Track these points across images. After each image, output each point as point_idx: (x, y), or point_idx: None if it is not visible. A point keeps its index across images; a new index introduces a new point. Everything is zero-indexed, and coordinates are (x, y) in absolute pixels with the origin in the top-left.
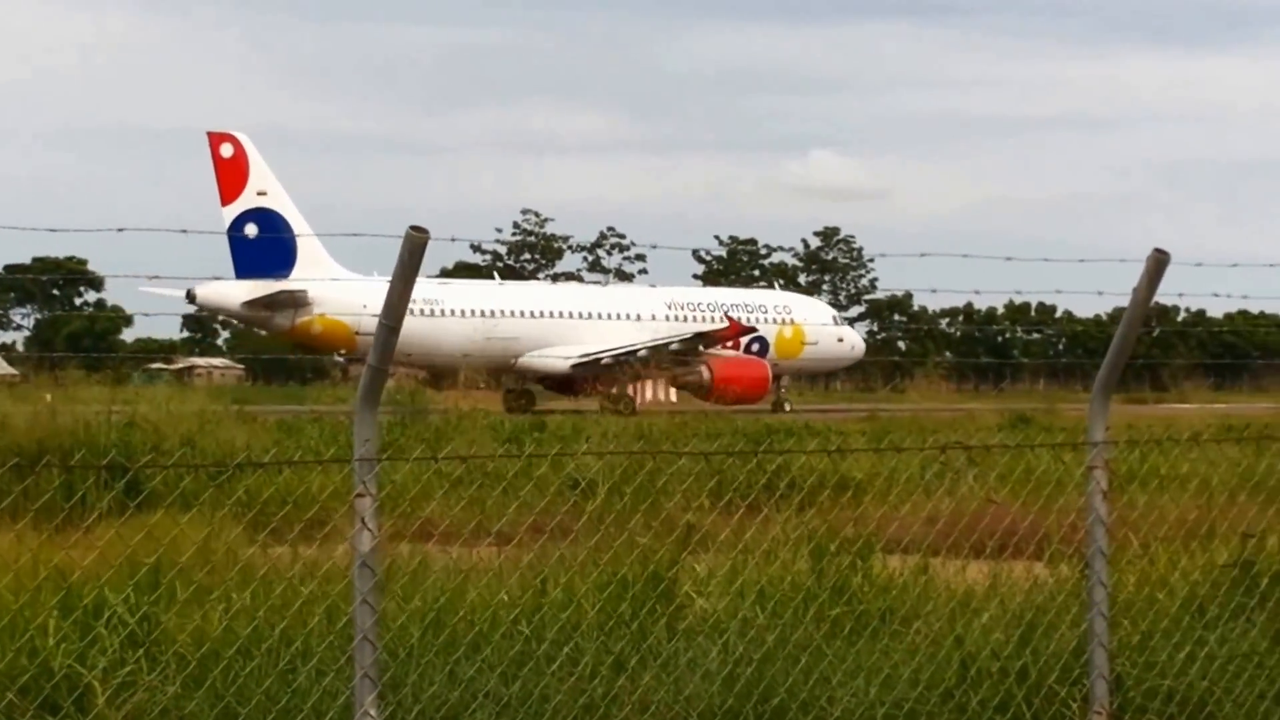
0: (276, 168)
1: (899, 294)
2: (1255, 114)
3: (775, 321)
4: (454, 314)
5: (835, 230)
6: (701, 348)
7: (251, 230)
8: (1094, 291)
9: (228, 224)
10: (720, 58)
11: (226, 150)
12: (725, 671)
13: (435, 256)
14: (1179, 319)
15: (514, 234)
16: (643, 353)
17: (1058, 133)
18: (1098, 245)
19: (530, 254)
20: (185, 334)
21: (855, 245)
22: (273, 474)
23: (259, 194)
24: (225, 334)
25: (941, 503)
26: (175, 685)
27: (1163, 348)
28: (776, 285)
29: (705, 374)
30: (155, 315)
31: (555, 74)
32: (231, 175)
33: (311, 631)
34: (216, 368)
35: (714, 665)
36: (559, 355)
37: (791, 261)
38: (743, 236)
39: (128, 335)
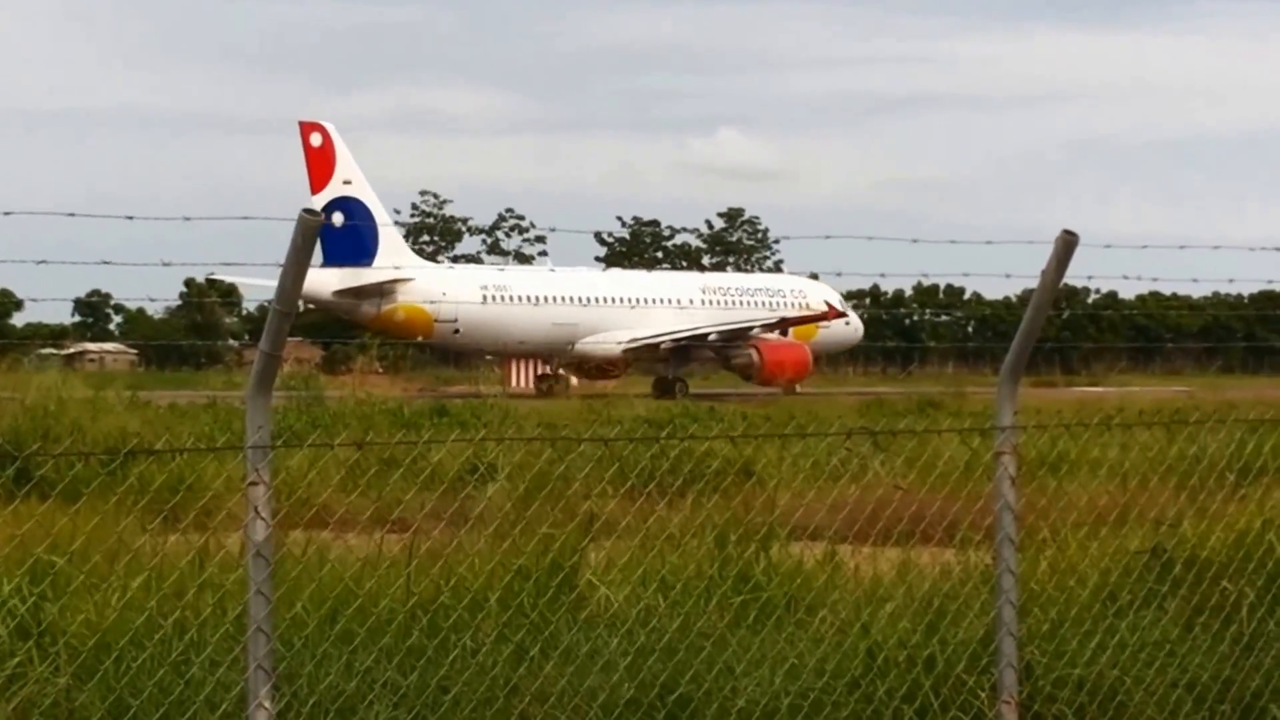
0: (149, 150)
1: (805, 277)
2: (1168, 91)
3: (794, 306)
4: (520, 300)
5: (740, 211)
6: (770, 333)
7: (339, 219)
8: (1002, 274)
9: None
10: (623, 36)
11: (315, 139)
12: (627, 662)
13: None
14: (1090, 301)
15: (413, 215)
16: (713, 336)
17: (966, 111)
18: (1010, 225)
19: (429, 235)
20: (76, 319)
21: (760, 226)
22: (165, 461)
23: (345, 183)
24: (118, 319)
25: (847, 489)
26: (66, 677)
27: (1073, 330)
28: (784, 270)
29: (755, 357)
30: (44, 301)
31: (456, 52)
32: (320, 164)
33: (205, 622)
34: (109, 353)
35: (616, 656)
36: (612, 340)
37: (695, 243)
38: (649, 217)
39: (18, 320)
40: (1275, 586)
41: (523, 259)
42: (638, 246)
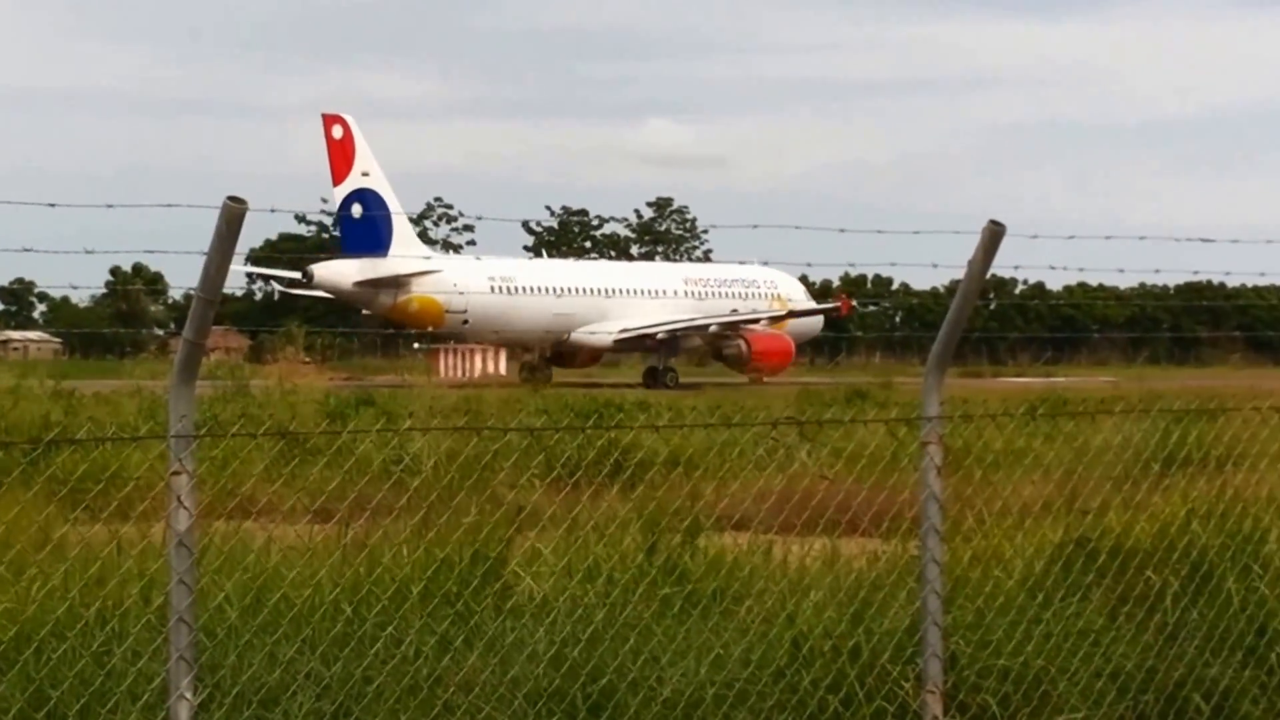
0: (73, 133)
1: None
2: (1098, 80)
3: (765, 297)
4: (525, 291)
5: (669, 201)
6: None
7: (357, 210)
8: (929, 264)
9: (338, 204)
10: (553, 22)
11: (337, 132)
12: (552, 652)
13: (260, 228)
14: (1017, 292)
15: None
16: (714, 327)
17: (898, 97)
18: (943, 212)
19: None
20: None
21: (689, 216)
22: (88, 450)
23: (363, 175)
24: (42, 307)
25: (774, 479)
26: None
27: (1001, 321)
28: (756, 261)
29: (744, 347)
30: None
31: (385, 37)
32: (341, 156)
33: (127, 612)
34: (32, 341)
35: (541, 645)
36: (605, 331)
37: (624, 232)
38: (578, 206)
39: None
40: (1198, 576)
41: (450, 247)
42: (566, 236)
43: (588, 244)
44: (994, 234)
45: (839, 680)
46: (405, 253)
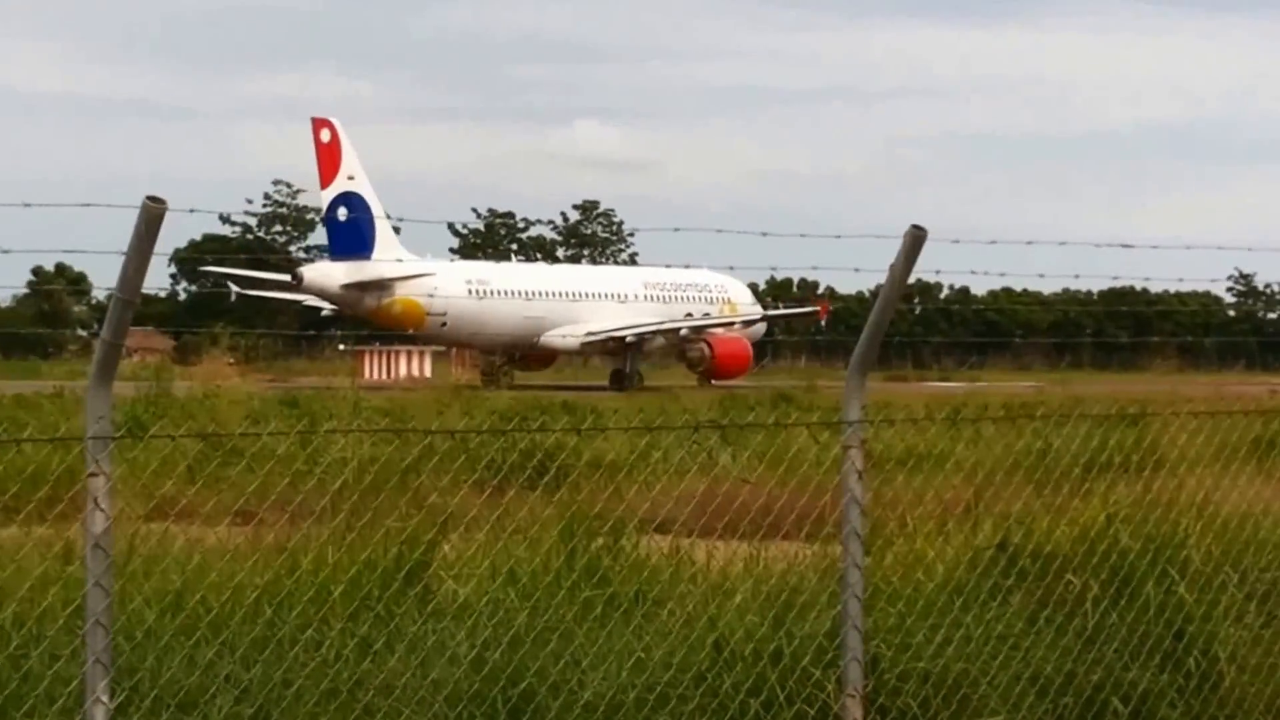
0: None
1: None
2: (1026, 89)
3: (717, 301)
4: (499, 295)
5: (595, 204)
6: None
7: (343, 213)
8: (851, 268)
9: (325, 206)
10: (482, 24)
11: (325, 135)
12: (473, 654)
13: (185, 228)
14: (942, 296)
15: (265, 205)
16: (685, 331)
17: (827, 105)
18: (870, 219)
19: (282, 226)
20: None
21: (615, 219)
22: (4, 451)
23: (349, 178)
24: None
25: (696, 482)
26: None
27: (926, 325)
28: (705, 267)
29: (706, 351)
30: None
31: (313, 38)
32: (328, 160)
33: (44, 614)
34: None
35: (462, 648)
36: (572, 334)
37: (551, 235)
38: (504, 209)
39: None
40: (1117, 580)
41: None
42: (492, 238)
43: (513, 246)
44: (915, 239)
45: (760, 684)
46: (388, 256)
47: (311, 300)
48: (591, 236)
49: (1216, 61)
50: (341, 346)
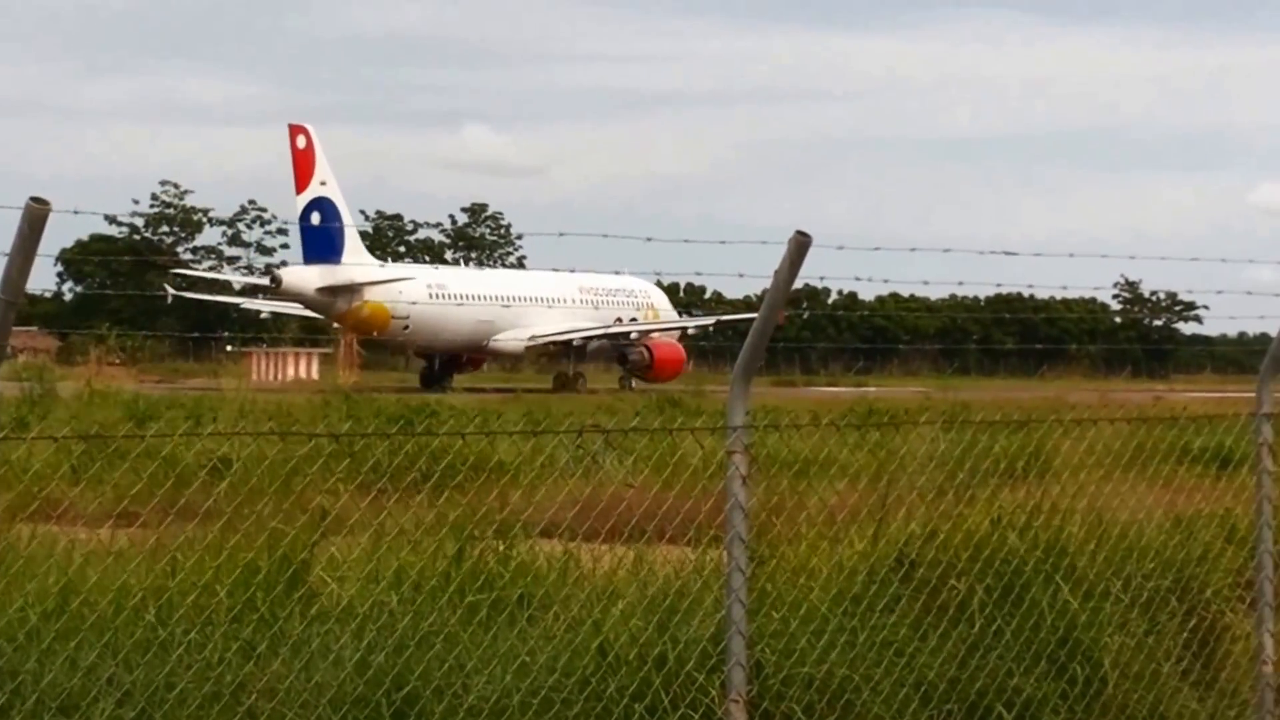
0: None
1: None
2: (907, 93)
3: (641, 306)
4: (455, 299)
5: (484, 207)
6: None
7: (316, 218)
8: (735, 274)
9: (299, 211)
10: (370, 27)
11: (301, 142)
12: (357, 658)
13: (71, 229)
14: (830, 301)
15: (152, 206)
16: (635, 335)
17: (709, 108)
18: (751, 224)
19: (169, 226)
20: None
21: (504, 223)
22: None
23: (321, 184)
24: None
25: (580, 487)
26: None
27: (814, 330)
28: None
29: (646, 355)
30: None
31: (199, 39)
32: (303, 165)
33: None
34: None
35: (346, 652)
36: (516, 338)
37: (439, 238)
38: (392, 211)
39: None
40: (1000, 587)
41: (264, 250)
42: (380, 240)
43: (402, 249)
44: (800, 245)
45: (644, 688)
46: (357, 261)
47: (257, 304)
48: (480, 239)
49: (1092, 68)
50: (229, 348)
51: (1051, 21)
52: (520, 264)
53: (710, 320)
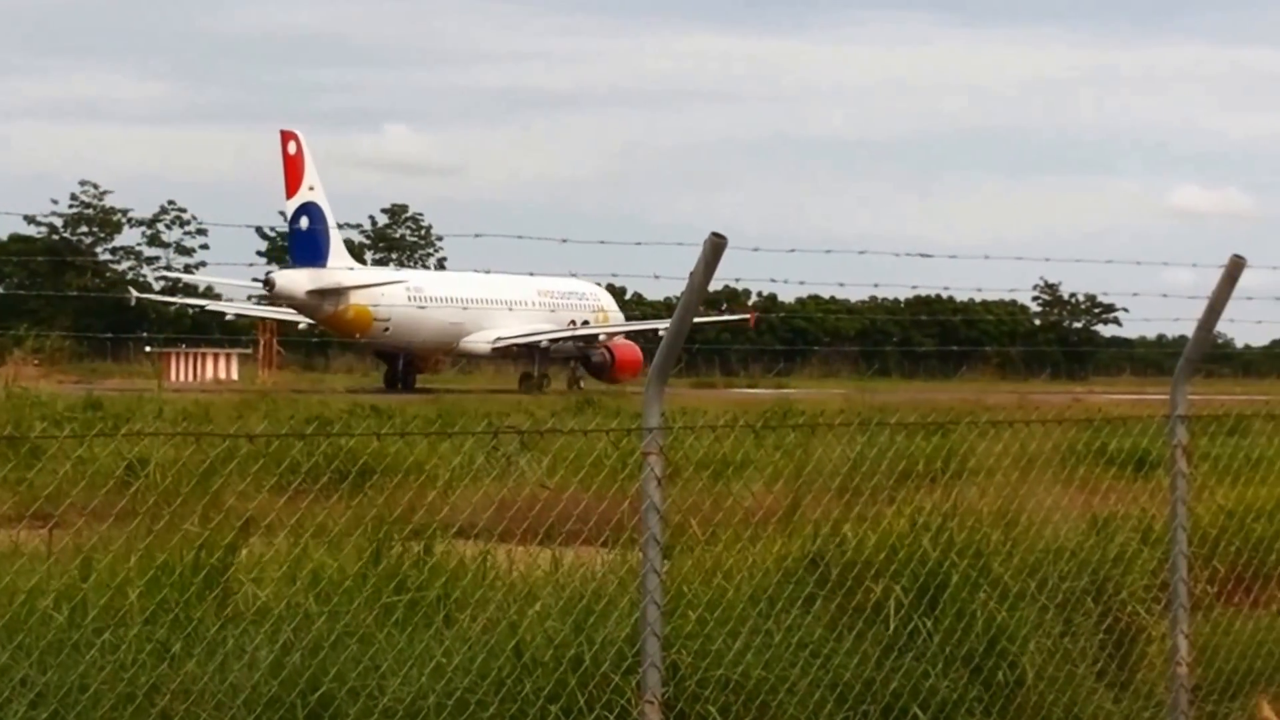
0: None
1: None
2: (827, 95)
3: (592, 309)
4: (431, 302)
5: (404, 207)
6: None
7: (305, 222)
8: (650, 275)
9: (290, 215)
10: (289, 26)
11: (292, 148)
12: (271, 659)
13: None
14: (750, 303)
15: (71, 206)
16: (602, 336)
17: (621, 109)
18: (668, 224)
19: (88, 227)
20: None
21: (424, 223)
22: None
23: (310, 189)
24: None
25: (495, 488)
26: None
27: (734, 332)
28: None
29: (608, 356)
30: None
31: (115, 39)
32: (294, 170)
33: None
34: None
35: (261, 653)
36: (482, 340)
37: (359, 239)
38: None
39: None
40: (917, 588)
41: (183, 251)
42: None
43: None
44: (715, 246)
45: (560, 689)
46: (341, 264)
47: (244, 309)
48: (400, 240)
49: (1008, 70)
50: (148, 349)
51: (964, 23)
52: (441, 265)
53: (666, 322)
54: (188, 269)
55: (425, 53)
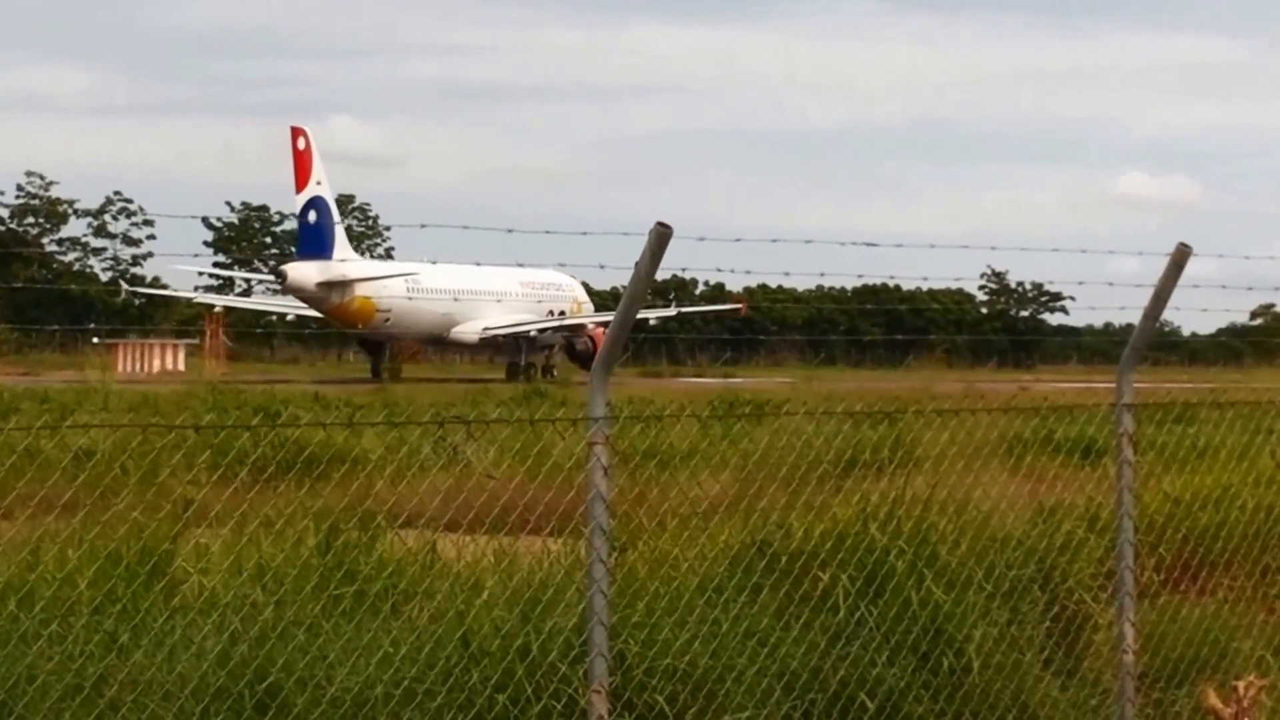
0: None
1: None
2: (760, 84)
3: (569, 300)
4: (426, 293)
5: (350, 198)
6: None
7: (313, 216)
8: (596, 265)
9: (299, 209)
10: (231, 18)
11: (301, 143)
12: (219, 649)
13: None
14: (698, 293)
15: (17, 197)
16: (591, 325)
17: (565, 101)
18: (614, 216)
19: (34, 218)
20: None
21: (371, 214)
22: None
23: (317, 183)
24: None
25: (442, 478)
26: None
27: (681, 322)
28: (552, 266)
29: (591, 345)
30: None
31: (59, 30)
32: (302, 166)
33: None
34: None
35: (208, 643)
36: (471, 330)
37: None
38: (258, 202)
39: None
40: (864, 577)
41: (130, 242)
42: (246, 232)
43: (268, 239)
44: (661, 236)
45: (507, 679)
46: (345, 256)
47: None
48: (348, 230)
49: (945, 60)
50: (95, 340)
51: (909, 13)
52: (389, 255)
53: (672, 311)
54: (135, 260)
55: (368, 44)
